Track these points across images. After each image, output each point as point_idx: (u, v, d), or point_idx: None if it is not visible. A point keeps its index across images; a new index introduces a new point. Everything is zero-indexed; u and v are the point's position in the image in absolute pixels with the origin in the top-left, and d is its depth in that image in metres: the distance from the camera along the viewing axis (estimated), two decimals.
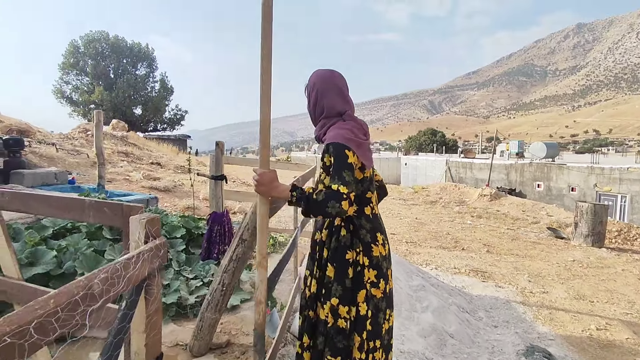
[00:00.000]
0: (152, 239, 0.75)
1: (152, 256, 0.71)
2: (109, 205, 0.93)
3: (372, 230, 1.49)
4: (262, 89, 1.36)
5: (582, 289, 4.70)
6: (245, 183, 10.53)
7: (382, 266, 1.49)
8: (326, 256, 1.49)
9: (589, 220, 7.94)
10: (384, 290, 1.50)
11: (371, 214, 1.51)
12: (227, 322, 2.43)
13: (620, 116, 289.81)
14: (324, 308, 1.45)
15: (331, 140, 1.41)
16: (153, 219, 0.77)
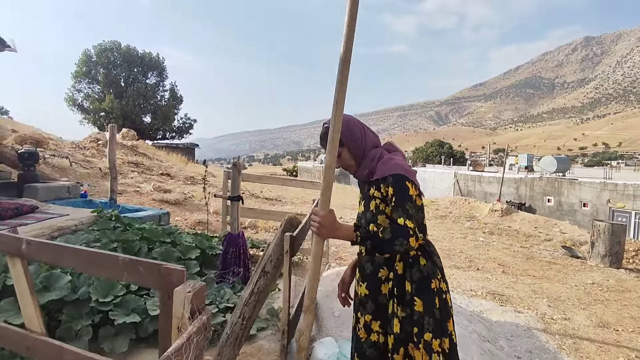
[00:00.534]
0: (198, 314, 0.68)
1: (202, 339, 0.64)
2: (144, 264, 0.86)
3: (437, 255, 1.52)
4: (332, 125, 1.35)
5: (605, 316, 4.53)
6: (254, 195, 10.48)
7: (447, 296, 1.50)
8: (410, 290, 1.41)
9: (607, 239, 7.73)
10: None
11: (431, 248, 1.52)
12: (244, 354, 2.34)
13: (630, 129, 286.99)
14: (420, 348, 1.36)
15: (392, 171, 1.41)
16: (199, 292, 0.70)
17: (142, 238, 3.37)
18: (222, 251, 3.23)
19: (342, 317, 2.90)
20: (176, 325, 0.68)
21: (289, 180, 4.52)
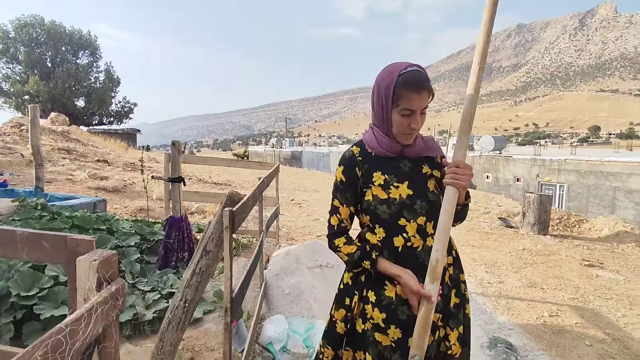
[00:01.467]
0: (106, 284, 0.60)
1: (108, 309, 0.57)
2: (48, 238, 0.75)
3: None
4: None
5: (533, 277, 4.98)
6: (201, 180, 10.10)
7: None
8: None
9: (535, 210, 8.46)
10: None
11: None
12: (190, 338, 2.26)
13: (556, 111, 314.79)
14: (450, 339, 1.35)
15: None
16: (108, 260, 0.62)
17: (72, 226, 3.10)
18: (164, 236, 3.07)
19: (291, 294, 2.91)
20: (82, 296, 0.60)
21: (235, 162, 4.38)
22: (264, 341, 2.38)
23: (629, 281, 5.25)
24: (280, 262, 3.28)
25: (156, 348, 1.93)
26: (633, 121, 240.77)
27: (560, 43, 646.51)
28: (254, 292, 3.01)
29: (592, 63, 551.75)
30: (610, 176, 16.54)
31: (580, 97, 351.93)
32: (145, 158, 13.12)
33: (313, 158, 34.69)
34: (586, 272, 5.46)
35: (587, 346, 3.22)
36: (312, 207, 8.56)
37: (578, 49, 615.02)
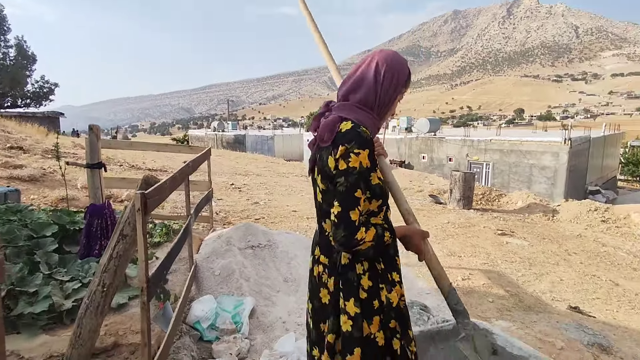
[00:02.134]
0: None
1: None
2: None
3: None
4: None
5: (453, 247, 5.51)
6: (134, 167, 9.60)
7: None
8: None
9: (461, 186, 9.22)
10: None
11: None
12: (114, 323, 2.26)
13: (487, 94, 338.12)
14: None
15: None
16: None
17: None
18: (85, 224, 2.96)
19: (221, 275, 2.98)
20: None
21: (163, 146, 4.26)
22: (191, 320, 2.45)
23: (532, 246, 6.02)
24: (211, 245, 3.32)
25: (74, 334, 1.92)
26: (551, 104, 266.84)
27: (491, 30, 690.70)
28: (184, 275, 3.04)
29: (518, 50, 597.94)
30: (527, 154, 18.36)
31: (507, 82, 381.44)
32: (70, 144, 12.08)
33: (257, 142, 34.18)
34: (498, 240, 6.14)
35: (490, 302, 3.70)
36: (253, 191, 8.57)
37: (506, 36, 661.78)
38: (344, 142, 1.14)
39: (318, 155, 1.22)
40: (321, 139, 1.19)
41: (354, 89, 1.24)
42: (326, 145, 1.18)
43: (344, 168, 1.13)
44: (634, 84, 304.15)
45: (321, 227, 1.29)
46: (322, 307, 1.26)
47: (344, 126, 1.17)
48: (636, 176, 30.91)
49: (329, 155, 1.17)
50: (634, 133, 51.53)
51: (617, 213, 8.67)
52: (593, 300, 4.11)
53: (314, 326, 1.30)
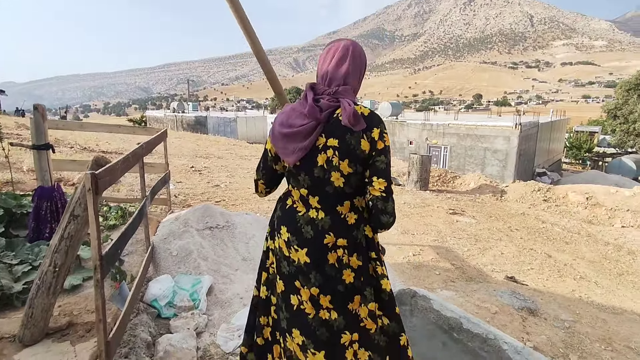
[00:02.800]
0: None
1: None
2: None
3: (279, 221, 1.39)
4: None
5: (407, 225, 5.82)
6: (87, 149, 9.16)
7: (282, 264, 1.36)
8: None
9: (418, 169, 9.63)
10: (282, 292, 1.37)
11: (289, 206, 1.37)
12: (68, 304, 2.27)
13: (448, 79, 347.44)
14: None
15: None
16: None
17: None
18: (33, 207, 2.88)
19: (179, 255, 3.03)
20: None
21: (117, 127, 4.13)
22: (149, 299, 2.50)
23: (479, 223, 6.47)
24: (168, 227, 3.33)
25: (25, 315, 1.92)
26: (507, 90, 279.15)
27: (452, 16, 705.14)
28: (141, 257, 3.05)
29: (477, 37, 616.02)
30: (481, 138, 19.30)
31: (467, 68, 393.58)
32: (13, 125, 11.25)
33: (219, 123, 33.36)
34: (450, 219, 6.55)
35: (437, 275, 4.01)
36: (213, 173, 8.48)
37: (466, 22, 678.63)
38: (377, 125, 1.24)
39: (339, 141, 1.23)
40: (352, 124, 1.21)
41: (341, 75, 1.29)
42: (357, 129, 1.21)
43: (382, 147, 1.23)
44: (580, 73, 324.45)
45: (336, 213, 1.28)
46: (347, 288, 1.29)
47: (364, 110, 1.25)
48: (579, 159, 33.41)
49: (360, 138, 1.21)
50: (579, 119, 55.36)
51: (557, 193, 9.44)
52: (528, 270, 4.55)
53: (341, 312, 1.30)
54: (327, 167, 1.25)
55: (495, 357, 1.87)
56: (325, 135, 1.25)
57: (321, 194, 1.29)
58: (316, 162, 1.26)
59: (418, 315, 2.24)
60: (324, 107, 1.26)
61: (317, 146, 1.26)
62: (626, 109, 19.47)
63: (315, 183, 1.28)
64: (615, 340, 2.97)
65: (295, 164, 1.30)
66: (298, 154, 1.27)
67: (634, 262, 5.20)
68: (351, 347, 1.30)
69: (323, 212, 1.29)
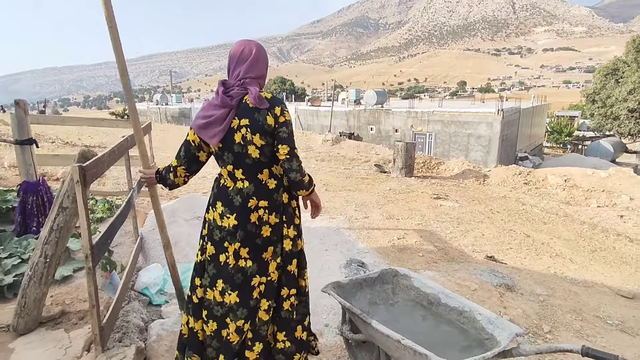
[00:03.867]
0: None
1: None
2: None
3: (215, 197, 1.70)
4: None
5: (392, 211, 5.96)
6: (69, 143, 9.01)
7: (214, 233, 1.65)
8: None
9: (403, 156, 9.76)
10: (212, 255, 1.66)
11: (222, 184, 1.68)
12: (60, 294, 2.32)
13: (433, 67, 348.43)
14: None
15: None
16: None
17: None
18: (19, 202, 2.89)
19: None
20: None
21: (99, 121, 4.10)
22: (140, 287, 2.56)
23: (462, 207, 6.66)
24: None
25: (18, 305, 1.98)
26: (490, 77, 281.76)
27: (436, 4, 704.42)
28: (130, 247, 3.10)
29: (461, 24, 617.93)
30: (465, 125, 19.60)
31: (451, 55, 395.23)
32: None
33: None
34: (433, 204, 6.71)
35: (420, 257, 4.15)
36: None
37: (450, 10, 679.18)
38: (278, 104, 1.59)
39: (249, 120, 1.55)
40: (257, 104, 1.54)
41: (249, 69, 1.64)
42: (262, 108, 1.55)
43: (283, 121, 1.58)
44: (561, 59, 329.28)
45: (258, 180, 1.62)
46: (263, 241, 1.64)
47: (266, 95, 1.60)
48: (560, 143, 34.22)
49: (266, 115, 1.55)
50: (559, 104, 56.46)
51: (537, 176, 9.71)
52: (507, 250, 4.74)
53: (255, 260, 1.63)
54: (243, 142, 1.56)
55: (471, 327, 2.00)
56: (238, 117, 1.56)
57: (244, 166, 1.60)
58: (234, 140, 1.57)
59: (399, 293, 2.36)
60: (235, 96, 1.58)
61: (232, 127, 1.56)
62: (604, 94, 19.99)
63: (237, 158, 1.59)
64: (585, 311, 3.17)
65: (219, 146, 1.59)
66: (219, 135, 1.56)
67: (606, 240, 5.46)
68: (258, 288, 1.64)
69: (247, 181, 1.61)
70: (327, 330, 2.54)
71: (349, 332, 2.20)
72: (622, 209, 7.19)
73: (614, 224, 6.21)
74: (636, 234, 5.78)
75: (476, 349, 1.84)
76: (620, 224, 6.19)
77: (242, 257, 1.62)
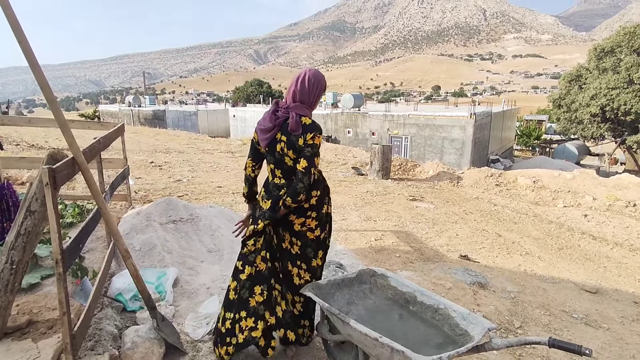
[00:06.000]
0: None
1: None
2: None
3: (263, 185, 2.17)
4: None
5: (370, 213, 6.04)
6: (35, 146, 8.64)
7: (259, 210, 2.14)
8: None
9: (379, 158, 9.91)
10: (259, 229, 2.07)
11: (267, 177, 2.15)
12: (27, 302, 2.22)
13: (408, 71, 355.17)
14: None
15: None
16: None
17: None
18: None
19: (142, 250, 3.01)
20: None
21: (69, 122, 3.93)
22: (113, 293, 2.49)
23: (437, 208, 6.82)
24: (130, 222, 3.29)
25: None
26: (463, 82, 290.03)
27: (411, 9, 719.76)
28: (102, 253, 3.01)
29: (435, 29, 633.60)
30: (440, 128, 20.09)
31: (426, 60, 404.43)
32: None
33: (178, 117, 32.31)
34: (410, 205, 6.84)
35: (397, 257, 4.23)
36: (175, 168, 8.30)
37: (424, 15, 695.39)
38: (310, 131, 1.94)
39: (286, 138, 1.94)
40: (292, 130, 1.92)
41: (299, 94, 1.99)
42: (296, 133, 1.92)
43: (311, 143, 1.93)
44: (530, 65, 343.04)
45: (290, 179, 2.01)
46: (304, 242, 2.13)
47: (306, 121, 1.96)
48: (529, 146, 35.59)
49: (299, 138, 1.92)
50: (528, 108, 58.78)
51: (508, 177, 10.07)
52: (480, 249, 4.89)
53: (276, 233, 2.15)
54: (281, 152, 1.98)
55: (446, 323, 2.06)
56: (281, 133, 1.97)
57: (282, 168, 2.03)
58: (276, 148, 2.00)
59: (377, 293, 2.40)
60: (280, 117, 1.98)
61: (276, 138, 1.99)
62: (569, 99, 20.96)
63: (277, 161, 2.02)
64: (553, 306, 3.31)
65: (266, 149, 2.04)
66: (265, 142, 2.02)
67: (572, 238, 5.73)
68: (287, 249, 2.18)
69: (283, 180, 2.05)
70: None
71: (328, 333, 2.22)
72: (586, 208, 7.56)
73: (578, 222, 6.52)
74: (598, 232, 6.09)
75: (451, 345, 1.89)
76: (585, 223, 6.50)
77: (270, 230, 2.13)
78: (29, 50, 1.76)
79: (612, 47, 19.04)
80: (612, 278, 4.36)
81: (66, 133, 1.93)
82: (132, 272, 2.14)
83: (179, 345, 2.16)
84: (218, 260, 3.27)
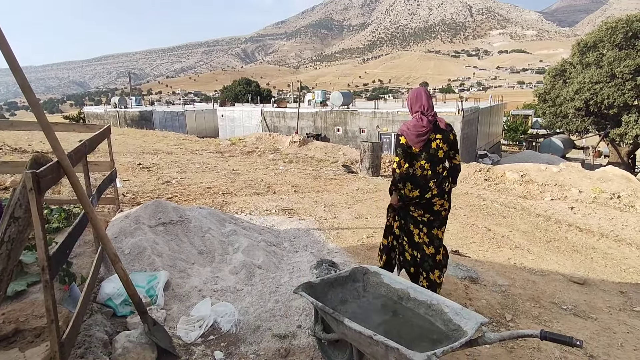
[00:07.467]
0: None
1: None
2: None
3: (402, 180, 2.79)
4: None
5: (361, 210, 6.05)
6: (18, 150, 8.45)
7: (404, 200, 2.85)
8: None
9: (370, 156, 9.93)
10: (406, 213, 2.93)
11: (411, 172, 2.74)
12: (13, 311, 2.17)
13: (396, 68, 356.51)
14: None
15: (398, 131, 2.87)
16: None
17: None
18: None
19: (132, 253, 2.97)
20: None
21: (53, 125, 3.85)
22: (103, 299, 2.45)
23: None
24: (118, 225, 3.24)
25: None
26: (450, 78, 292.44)
27: (398, 6, 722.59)
28: (90, 258, 2.96)
29: (422, 26, 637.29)
30: None
31: (413, 57, 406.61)
32: None
33: (166, 118, 31.95)
34: None
35: None
36: (163, 170, 8.19)
37: (411, 12, 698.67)
38: (452, 129, 2.82)
39: (441, 136, 2.72)
40: (446, 128, 2.78)
41: (431, 104, 2.81)
42: (447, 130, 2.77)
43: (455, 139, 2.81)
44: (515, 61, 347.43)
45: (435, 170, 2.72)
46: (439, 219, 2.90)
47: (446, 122, 2.83)
48: (516, 141, 36.08)
49: (450, 134, 2.77)
50: (514, 104, 59.54)
51: (496, 172, 10.20)
52: (470, 244, 4.94)
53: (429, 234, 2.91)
54: (436, 148, 2.71)
55: (439, 319, 2.07)
56: (434, 132, 2.70)
57: (431, 162, 2.70)
58: (431, 145, 2.70)
59: (370, 290, 2.40)
60: (431, 121, 2.69)
61: (430, 138, 2.70)
62: (554, 94, 21.28)
63: (430, 156, 2.70)
64: (542, 298, 3.37)
65: (419, 148, 2.69)
66: (421, 142, 2.68)
67: (559, 230, 5.83)
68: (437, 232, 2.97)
69: (430, 171, 2.71)
70: (300, 331, 2.54)
71: (322, 332, 2.21)
72: (572, 201, 7.70)
73: (565, 215, 6.64)
74: (585, 224, 6.21)
75: (445, 340, 1.90)
76: (571, 215, 6.62)
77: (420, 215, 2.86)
78: (9, 53, 1.72)
79: (595, 42, 19.38)
80: (599, 269, 4.44)
81: (50, 136, 1.88)
82: (121, 276, 2.11)
83: (172, 349, 2.14)
84: (209, 262, 3.24)
